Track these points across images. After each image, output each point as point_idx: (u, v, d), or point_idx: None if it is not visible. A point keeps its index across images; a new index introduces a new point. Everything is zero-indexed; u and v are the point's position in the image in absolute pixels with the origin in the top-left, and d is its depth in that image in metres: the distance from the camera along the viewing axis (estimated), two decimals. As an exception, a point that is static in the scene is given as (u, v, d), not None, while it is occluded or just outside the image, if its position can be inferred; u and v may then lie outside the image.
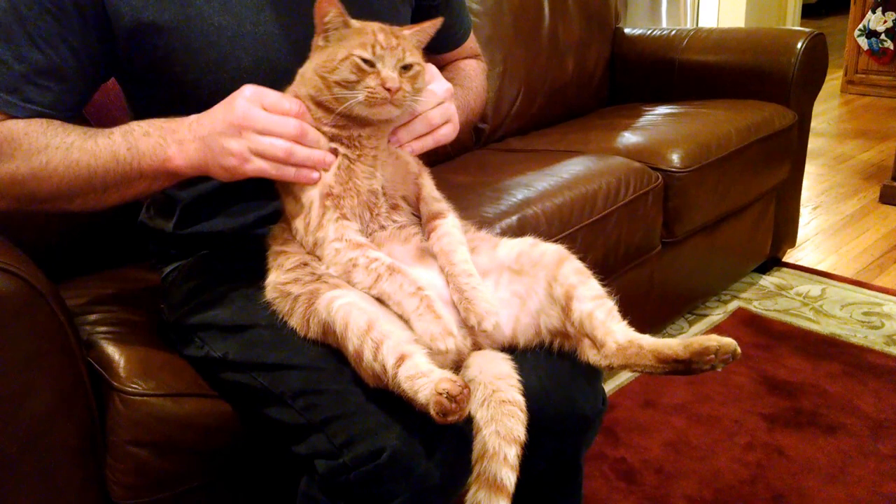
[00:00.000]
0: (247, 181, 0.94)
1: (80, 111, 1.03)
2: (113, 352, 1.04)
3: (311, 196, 0.93)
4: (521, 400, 0.90)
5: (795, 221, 2.41)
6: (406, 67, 0.90)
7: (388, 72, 0.88)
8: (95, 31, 0.96)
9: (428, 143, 0.99)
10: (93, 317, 1.14)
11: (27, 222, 1.14)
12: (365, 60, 0.88)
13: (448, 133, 1.01)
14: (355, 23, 0.90)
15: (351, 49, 0.88)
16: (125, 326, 1.12)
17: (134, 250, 1.31)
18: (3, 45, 0.93)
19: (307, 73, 0.93)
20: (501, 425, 0.87)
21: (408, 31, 0.93)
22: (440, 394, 0.76)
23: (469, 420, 0.87)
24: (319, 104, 0.92)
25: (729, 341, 0.87)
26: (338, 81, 0.88)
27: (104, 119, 1.29)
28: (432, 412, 0.77)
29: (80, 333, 1.04)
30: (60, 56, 0.95)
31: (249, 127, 0.89)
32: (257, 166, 0.90)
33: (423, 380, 0.79)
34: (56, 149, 0.93)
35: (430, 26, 0.95)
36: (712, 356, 0.87)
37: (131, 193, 0.97)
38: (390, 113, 0.91)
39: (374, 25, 0.91)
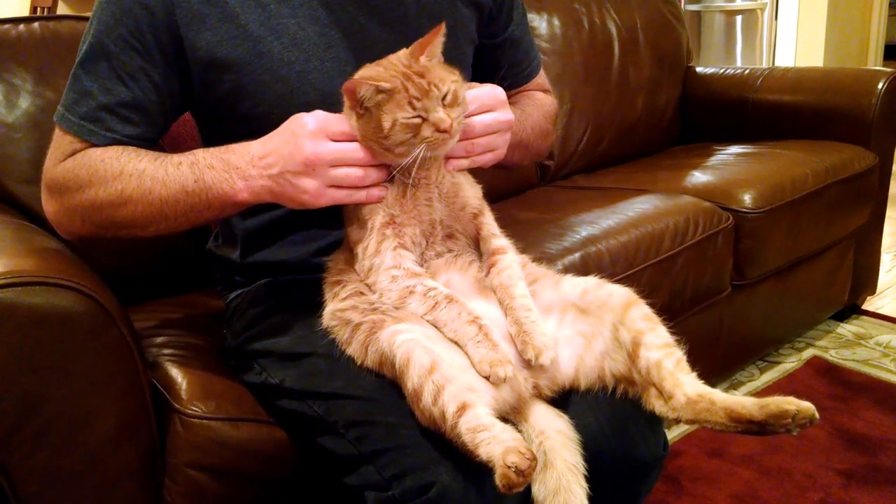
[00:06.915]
0: (311, 211, 0.95)
1: (158, 142, 1.08)
2: (176, 374, 1.06)
3: (374, 222, 0.94)
4: None
5: (876, 268, 2.31)
6: (444, 97, 0.90)
7: (436, 115, 0.88)
8: (175, 65, 1.00)
9: (463, 165, 0.98)
10: (159, 339, 1.17)
11: (103, 248, 1.18)
12: (412, 118, 0.88)
13: (487, 160, 0.99)
14: (382, 83, 0.88)
15: (394, 115, 0.87)
16: (189, 350, 1.15)
17: (202, 277, 1.34)
18: (90, 77, 0.98)
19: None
20: None
21: (424, 58, 0.91)
22: (508, 467, 0.74)
23: None
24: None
25: (807, 406, 0.83)
26: (396, 145, 0.89)
27: (178, 147, 1.34)
28: (498, 483, 0.75)
29: (147, 355, 1.07)
30: (143, 90, 0.99)
31: (322, 163, 0.90)
32: (332, 196, 0.92)
33: (484, 434, 0.78)
34: (130, 176, 0.97)
35: (435, 35, 0.92)
36: (789, 420, 0.83)
37: (202, 220, 1.00)
38: (452, 144, 0.92)
39: (398, 73, 0.89)
